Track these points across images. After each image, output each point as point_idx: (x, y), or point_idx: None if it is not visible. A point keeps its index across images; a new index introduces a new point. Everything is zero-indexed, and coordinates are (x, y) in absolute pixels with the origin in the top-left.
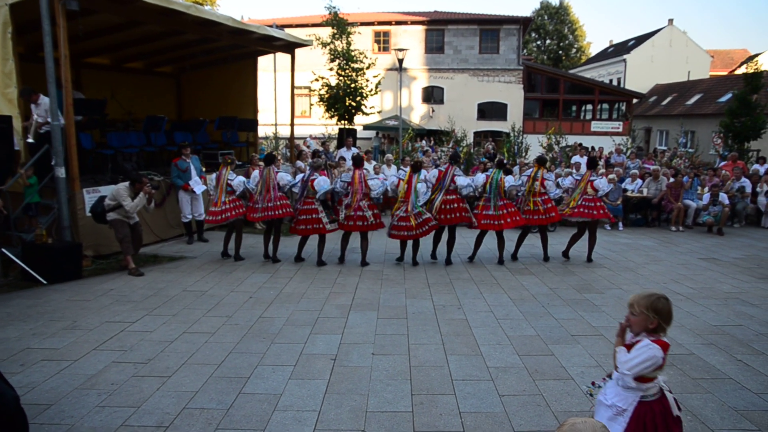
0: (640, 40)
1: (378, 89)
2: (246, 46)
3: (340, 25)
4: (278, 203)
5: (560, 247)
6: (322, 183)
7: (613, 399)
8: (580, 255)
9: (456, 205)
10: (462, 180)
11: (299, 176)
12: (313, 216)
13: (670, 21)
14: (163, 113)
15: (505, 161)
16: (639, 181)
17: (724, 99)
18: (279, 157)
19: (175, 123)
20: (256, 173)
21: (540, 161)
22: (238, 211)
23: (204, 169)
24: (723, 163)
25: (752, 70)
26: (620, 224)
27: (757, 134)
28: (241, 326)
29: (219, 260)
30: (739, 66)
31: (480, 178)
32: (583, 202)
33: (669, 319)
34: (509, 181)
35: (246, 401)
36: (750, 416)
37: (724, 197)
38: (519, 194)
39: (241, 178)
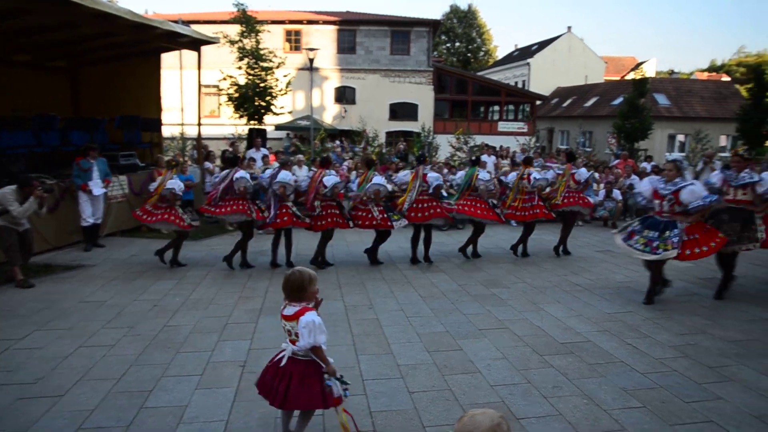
0: (542, 45)
1: (288, 89)
2: (149, 41)
3: (248, 23)
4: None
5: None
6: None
7: None
8: (489, 250)
9: (429, 204)
10: (432, 177)
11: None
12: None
13: (569, 28)
14: (56, 111)
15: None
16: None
17: (617, 102)
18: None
19: (70, 121)
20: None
21: (527, 161)
22: (171, 217)
23: (111, 173)
24: (616, 162)
25: (639, 77)
26: (512, 221)
27: (645, 135)
28: (143, 337)
29: (120, 268)
30: (629, 72)
31: (460, 175)
32: (568, 194)
33: None
34: (483, 177)
35: (148, 416)
36: (637, 395)
37: (617, 193)
38: (491, 190)
39: (179, 183)
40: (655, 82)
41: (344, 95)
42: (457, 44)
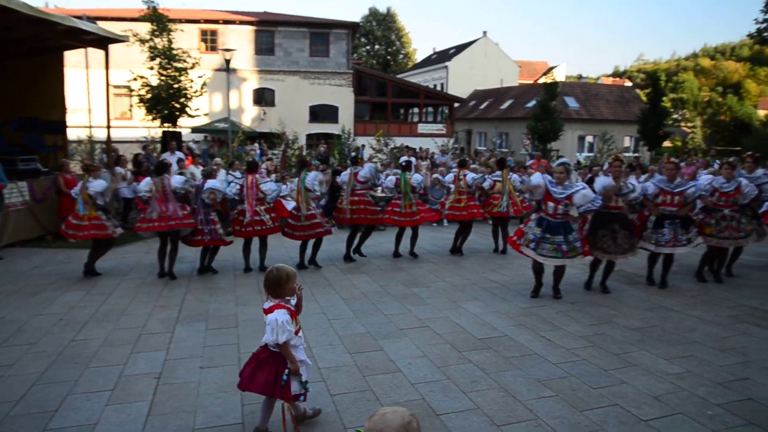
0: (459, 48)
1: (204, 90)
2: (50, 38)
3: (160, 21)
4: (178, 213)
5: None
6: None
7: None
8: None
9: (362, 206)
10: (363, 174)
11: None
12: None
13: (485, 33)
14: None
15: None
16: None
17: (530, 105)
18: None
19: None
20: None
21: (461, 164)
22: (98, 231)
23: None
24: (531, 162)
25: (550, 81)
26: (444, 221)
27: (556, 136)
28: (48, 353)
29: (21, 281)
30: (541, 76)
31: (391, 179)
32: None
33: None
34: (415, 179)
35: None
36: (550, 384)
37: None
38: (419, 190)
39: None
40: (565, 86)
41: (263, 97)
42: (377, 47)
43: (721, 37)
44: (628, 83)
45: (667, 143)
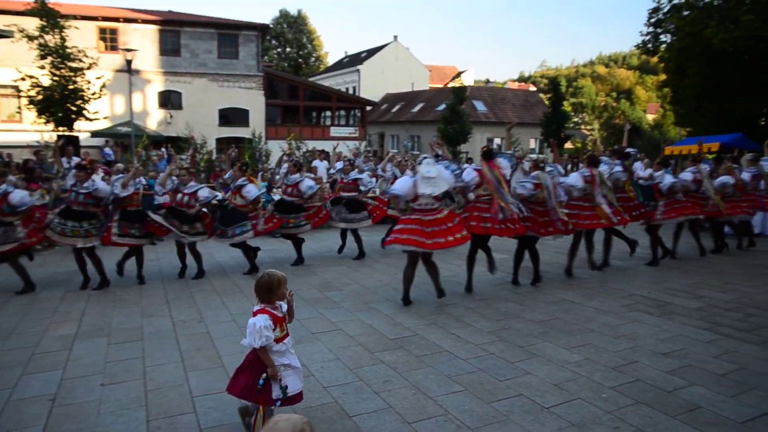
0: (371, 52)
1: (103, 92)
2: None
3: (50, 15)
4: None
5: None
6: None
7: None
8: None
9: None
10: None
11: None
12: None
13: (395, 37)
14: None
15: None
16: (373, 180)
17: (440, 108)
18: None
19: None
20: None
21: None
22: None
23: None
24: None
25: (458, 85)
26: None
27: (465, 138)
28: None
29: None
30: (451, 80)
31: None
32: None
33: None
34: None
35: None
36: (459, 380)
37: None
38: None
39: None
40: (474, 91)
41: (169, 100)
42: (288, 50)
43: (614, 46)
44: (533, 88)
45: (568, 144)
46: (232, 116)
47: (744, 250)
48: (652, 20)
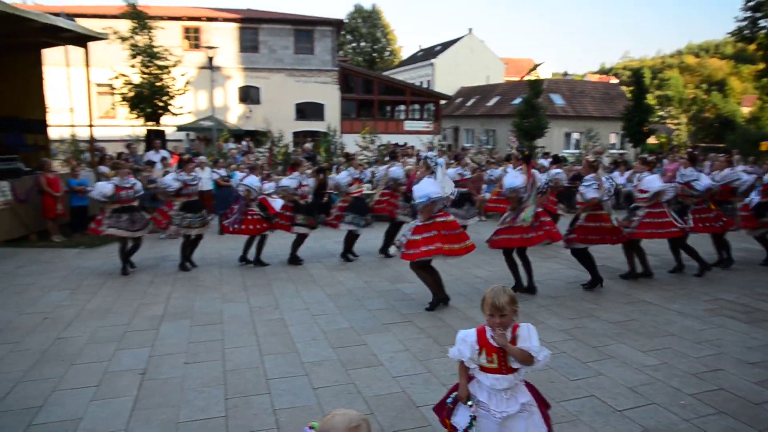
0: (445, 46)
1: (187, 88)
2: (26, 35)
3: (139, 18)
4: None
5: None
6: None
7: (519, 402)
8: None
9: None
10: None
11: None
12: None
13: (470, 30)
14: None
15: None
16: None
17: (516, 102)
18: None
19: None
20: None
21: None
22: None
23: None
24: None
25: (535, 78)
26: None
27: (542, 132)
28: (33, 351)
29: (5, 280)
30: (527, 73)
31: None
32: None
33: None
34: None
35: None
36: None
37: None
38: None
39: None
40: (551, 84)
41: (248, 95)
42: (363, 44)
43: (706, 34)
44: (614, 80)
45: (652, 140)
46: (308, 110)
47: None
48: (750, 4)
